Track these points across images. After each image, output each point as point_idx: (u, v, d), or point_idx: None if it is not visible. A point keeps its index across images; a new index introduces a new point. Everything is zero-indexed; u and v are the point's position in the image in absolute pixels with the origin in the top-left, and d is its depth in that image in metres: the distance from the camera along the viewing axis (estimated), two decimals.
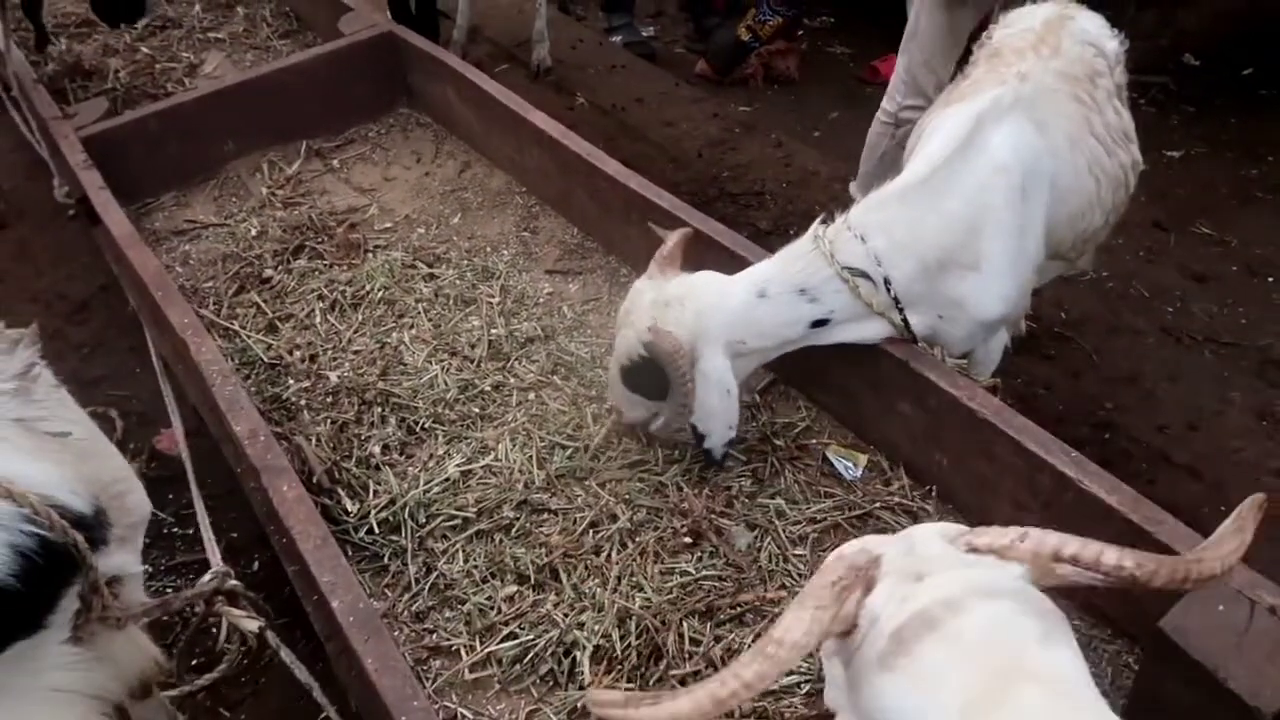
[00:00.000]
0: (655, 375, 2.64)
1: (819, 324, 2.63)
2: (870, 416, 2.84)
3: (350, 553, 2.67)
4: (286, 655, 2.27)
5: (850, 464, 2.81)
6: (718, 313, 2.60)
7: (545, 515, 2.75)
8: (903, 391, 2.66)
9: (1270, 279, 4.58)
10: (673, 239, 2.78)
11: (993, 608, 1.38)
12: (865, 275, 2.56)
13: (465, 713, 2.37)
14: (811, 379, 3.03)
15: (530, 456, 2.90)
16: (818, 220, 2.69)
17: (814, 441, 2.90)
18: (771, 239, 4.48)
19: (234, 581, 2.28)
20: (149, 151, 4.15)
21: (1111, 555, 1.43)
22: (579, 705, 2.34)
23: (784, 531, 2.64)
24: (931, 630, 1.37)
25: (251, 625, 2.22)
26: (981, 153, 2.56)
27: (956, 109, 2.69)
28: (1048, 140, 2.62)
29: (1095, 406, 3.85)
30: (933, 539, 1.54)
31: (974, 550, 1.50)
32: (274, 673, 2.94)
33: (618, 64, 6.34)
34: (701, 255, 2.90)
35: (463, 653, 2.47)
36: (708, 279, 2.70)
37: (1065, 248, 2.88)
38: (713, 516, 2.65)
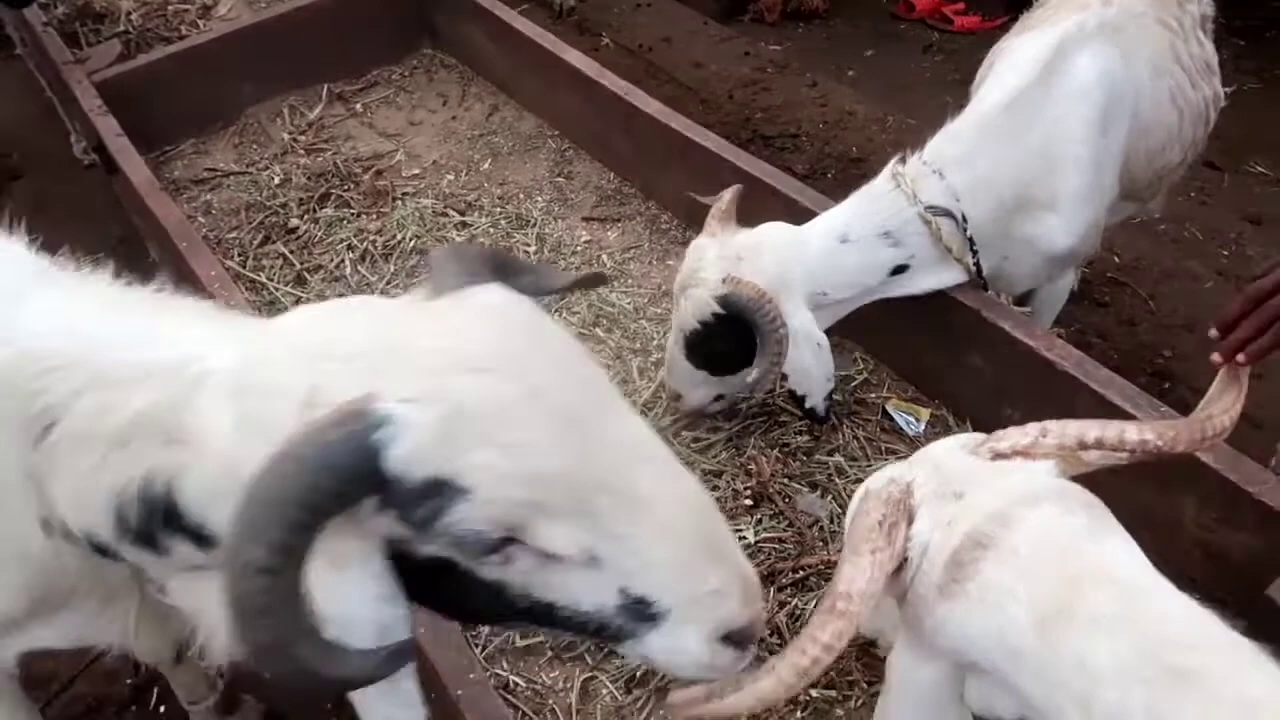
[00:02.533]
0: (729, 339, 2.42)
1: (899, 270, 2.49)
2: (933, 369, 2.70)
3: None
4: None
5: (912, 419, 2.68)
6: (797, 263, 2.43)
7: None
8: (972, 342, 2.52)
9: None
10: (728, 194, 2.61)
11: (1039, 514, 1.36)
12: (948, 214, 2.42)
13: (518, 680, 2.28)
14: (867, 329, 2.89)
15: None
16: (895, 159, 2.53)
17: (873, 396, 2.78)
18: (809, 183, 4.32)
19: None
20: (165, 97, 3.99)
21: (1133, 431, 1.44)
22: (636, 673, 2.25)
23: (844, 490, 2.53)
24: (986, 549, 1.34)
25: None
26: (1062, 81, 2.40)
27: (1035, 34, 2.53)
28: (1131, 68, 2.45)
29: (1152, 354, 3.70)
30: (955, 453, 1.50)
31: (998, 456, 1.46)
32: None
33: (643, 2, 6.10)
34: (753, 202, 2.74)
35: None
36: (777, 229, 2.51)
37: (1140, 185, 2.72)
38: (779, 477, 2.53)
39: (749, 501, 2.51)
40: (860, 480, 2.55)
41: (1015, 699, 1.42)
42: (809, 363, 2.46)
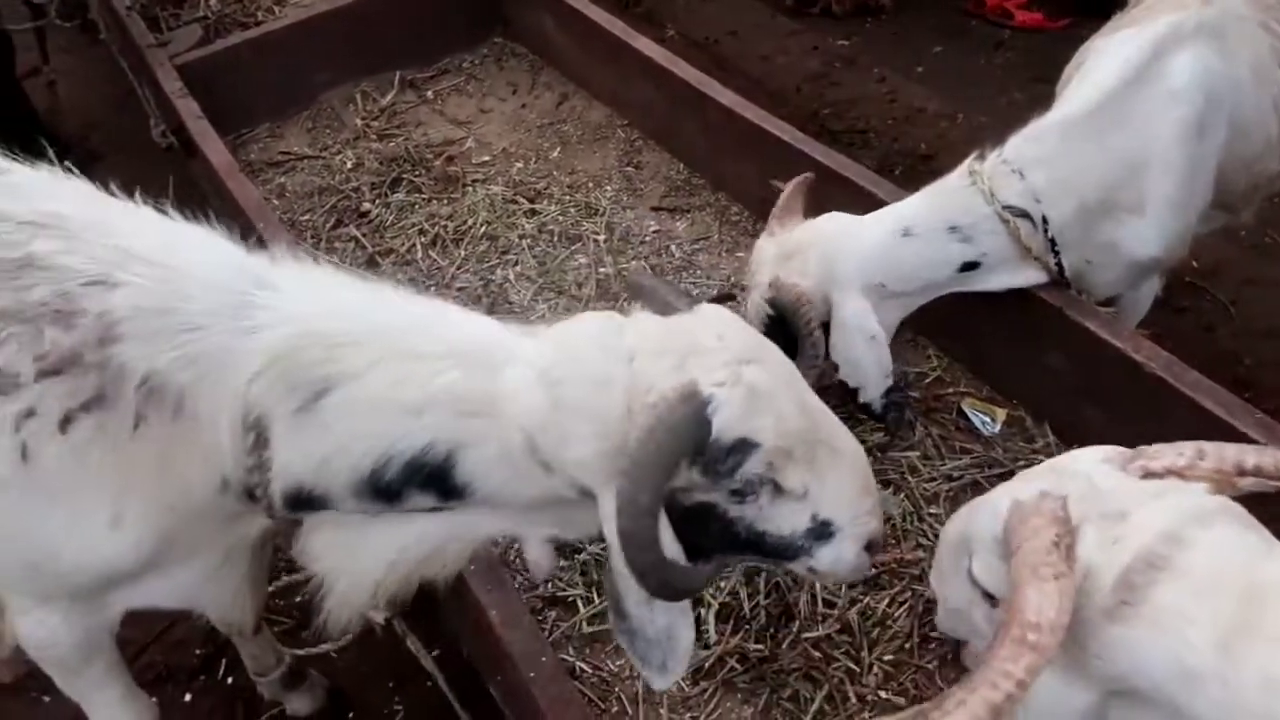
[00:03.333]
0: (788, 338, 2.39)
1: (969, 267, 2.43)
2: (1011, 368, 2.65)
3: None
4: (412, 645, 2.28)
5: (988, 418, 2.63)
6: (850, 255, 2.40)
7: None
8: (1053, 341, 2.47)
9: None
10: (788, 188, 2.57)
11: (1213, 533, 1.33)
12: (1025, 215, 2.36)
13: (584, 667, 2.29)
14: (940, 326, 2.84)
15: None
16: (973, 155, 2.48)
17: (949, 393, 2.73)
18: None
19: None
20: (243, 81, 4.06)
21: None
22: (705, 664, 2.23)
23: (918, 489, 2.49)
24: (1159, 570, 1.30)
25: (379, 618, 2.16)
26: (1156, 82, 2.33)
27: (1130, 33, 2.45)
28: (1231, 71, 2.37)
29: (1233, 363, 3.59)
30: (1104, 468, 1.46)
31: (1149, 475, 1.43)
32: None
33: None
34: (827, 195, 2.71)
35: (580, 604, 2.37)
36: (834, 221, 2.50)
37: (1235, 195, 2.63)
38: None
39: None
40: (934, 479, 2.53)
41: None
42: (860, 354, 2.42)
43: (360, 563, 1.61)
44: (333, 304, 1.53)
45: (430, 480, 1.48)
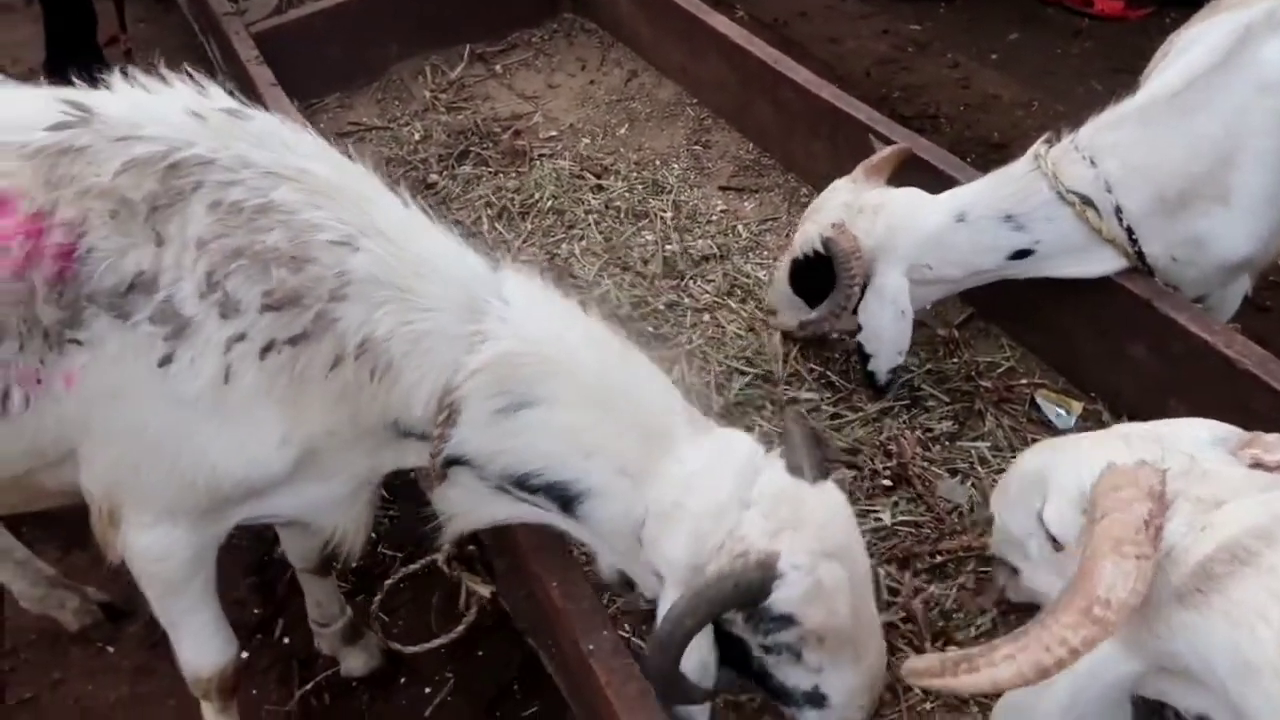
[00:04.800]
0: (822, 277, 2.52)
1: (1020, 255, 2.40)
2: (1089, 359, 2.57)
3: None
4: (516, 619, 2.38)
5: (1063, 411, 2.56)
6: (909, 232, 2.44)
7: None
8: (1136, 333, 2.38)
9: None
10: (887, 150, 2.62)
11: None
12: (1090, 203, 2.30)
13: (640, 643, 2.26)
14: (1015, 314, 2.77)
15: (708, 381, 2.75)
16: (1041, 139, 2.42)
17: (1022, 383, 2.66)
18: None
19: (471, 546, 2.33)
20: (314, 51, 4.08)
21: None
22: None
23: (987, 480, 2.43)
24: (1244, 564, 1.27)
25: (485, 590, 2.28)
26: (1246, 68, 2.23)
27: (1220, 20, 2.35)
28: None
29: None
30: (1213, 450, 1.42)
31: (1259, 465, 1.39)
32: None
33: None
34: (903, 179, 2.66)
35: None
36: (909, 195, 2.53)
37: None
38: (919, 461, 2.46)
39: (888, 483, 2.44)
40: (1003, 471, 2.45)
41: (1213, 700, 1.34)
42: (884, 325, 2.47)
43: (478, 515, 1.91)
44: (560, 330, 1.74)
45: (559, 499, 1.76)
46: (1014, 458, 2.46)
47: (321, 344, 1.62)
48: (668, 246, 3.19)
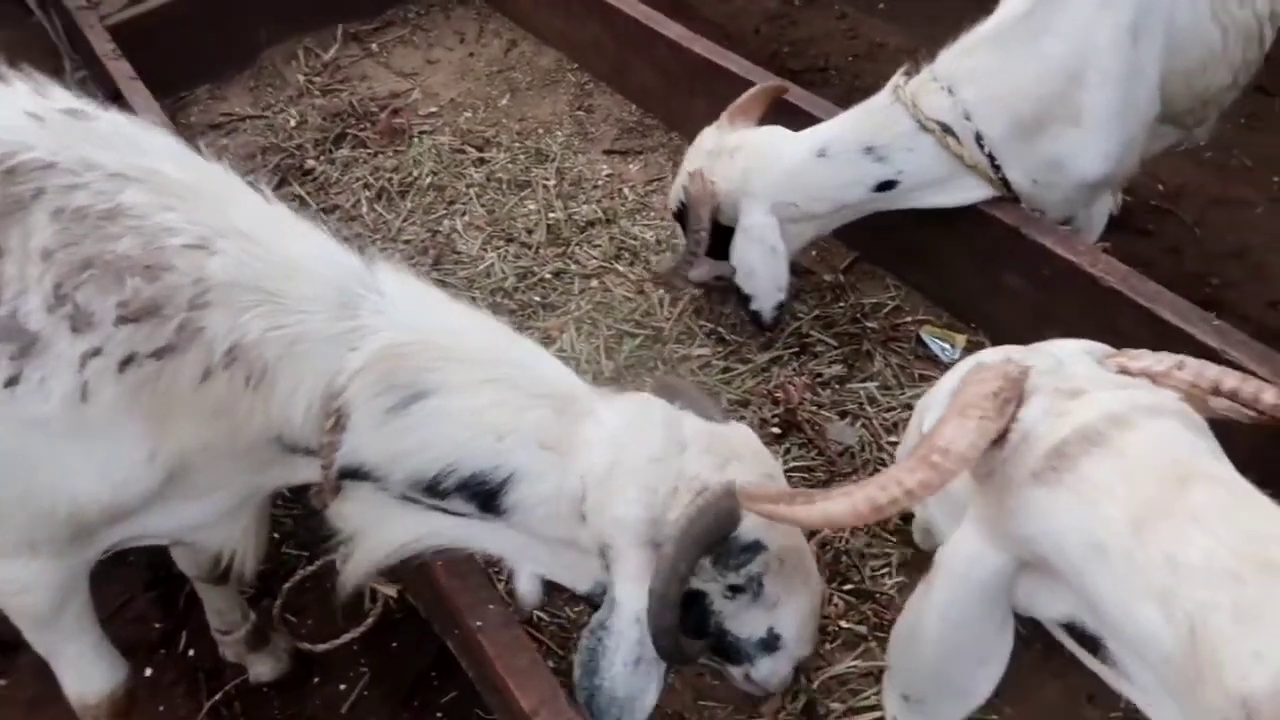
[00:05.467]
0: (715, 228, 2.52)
1: (885, 187, 2.41)
2: (969, 292, 2.59)
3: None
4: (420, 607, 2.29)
5: (947, 345, 2.58)
6: (768, 170, 2.44)
7: None
8: (1010, 262, 2.41)
9: None
10: (753, 90, 2.62)
11: (1160, 425, 1.32)
12: (949, 131, 2.31)
13: (542, 615, 2.24)
14: (899, 254, 2.78)
15: (597, 346, 2.71)
16: (900, 71, 2.43)
17: (908, 321, 2.68)
18: None
19: None
20: (180, 41, 3.92)
21: (1272, 394, 1.40)
22: None
23: (877, 419, 2.44)
24: (1096, 445, 1.30)
25: (390, 590, 2.22)
26: None
27: None
28: None
29: (1200, 283, 3.54)
30: (1080, 357, 1.47)
31: (1124, 372, 1.44)
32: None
33: None
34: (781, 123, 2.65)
35: None
36: (769, 134, 2.53)
37: (1181, 109, 2.56)
38: (807, 405, 2.45)
39: (777, 430, 2.43)
40: (893, 409, 2.49)
41: (1073, 599, 1.37)
42: (755, 264, 2.48)
43: (382, 535, 1.76)
44: (441, 318, 1.66)
45: (479, 495, 1.64)
46: (903, 395, 2.50)
47: (188, 355, 1.51)
48: (551, 214, 3.14)
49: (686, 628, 1.65)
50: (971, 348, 2.59)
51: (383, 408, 1.58)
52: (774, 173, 2.42)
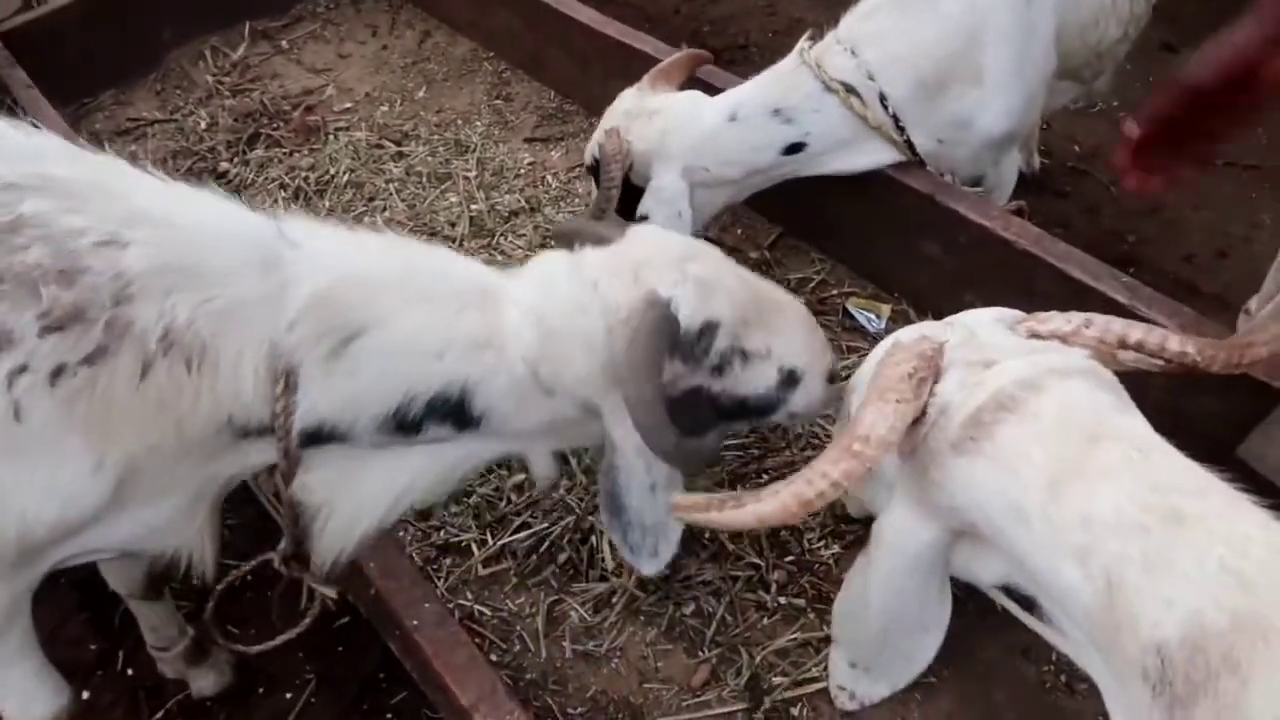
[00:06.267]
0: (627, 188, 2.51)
1: (794, 149, 2.43)
2: (891, 262, 2.62)
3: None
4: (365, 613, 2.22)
5: (873, 315, 2.60)
6: (682, 133, 2.45)
7: None
8: (927, 230, 2.43)
9: None
10: (675, 56, 2.64)
11: (1068, 384, 1.35)
12: (853, 91, 2.35)
13: (483, 610, 2.22)
14: (822, 228, 2.80)
15: None
16: (805, 36, 2.46)
17: (833, 293, 2.69)
18: None
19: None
20: (79, 46, 3.78)
21: (1175, 342, 1.45)
22: (604, 593, 2.19)
23: None
24: (1010, 411, 1.33)
25: (330, 591, 2.10)
26: None
27: None
28: None
29: (1117, 241, 3.63)
30: (992, 326, 1.49)
31: (1035, 336, 1.46)
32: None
33: None
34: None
35: (474, 548, 2.31)
36: (689, 99, 2.55)
37: (1078, 63, 2.62)
38: None
39: None
40: None
41: (1005, 562, 1.40)
42: (660, 224, 2.44)
43: (363, 495, 1.72)
44: (355, 253, 1.62)
45: (450, 414, 1.63)
46: None
47: (121, 355, 1.46)
48: (474, 206, 3.10)
49: (700, 425, 1.71)
50: (896, 317, 2.62)
51: (325, 354, 1.56)
52: (689, 137, 2.43)
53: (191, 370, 1.51)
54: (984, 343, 1.45)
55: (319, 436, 1.62)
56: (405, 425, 1.62)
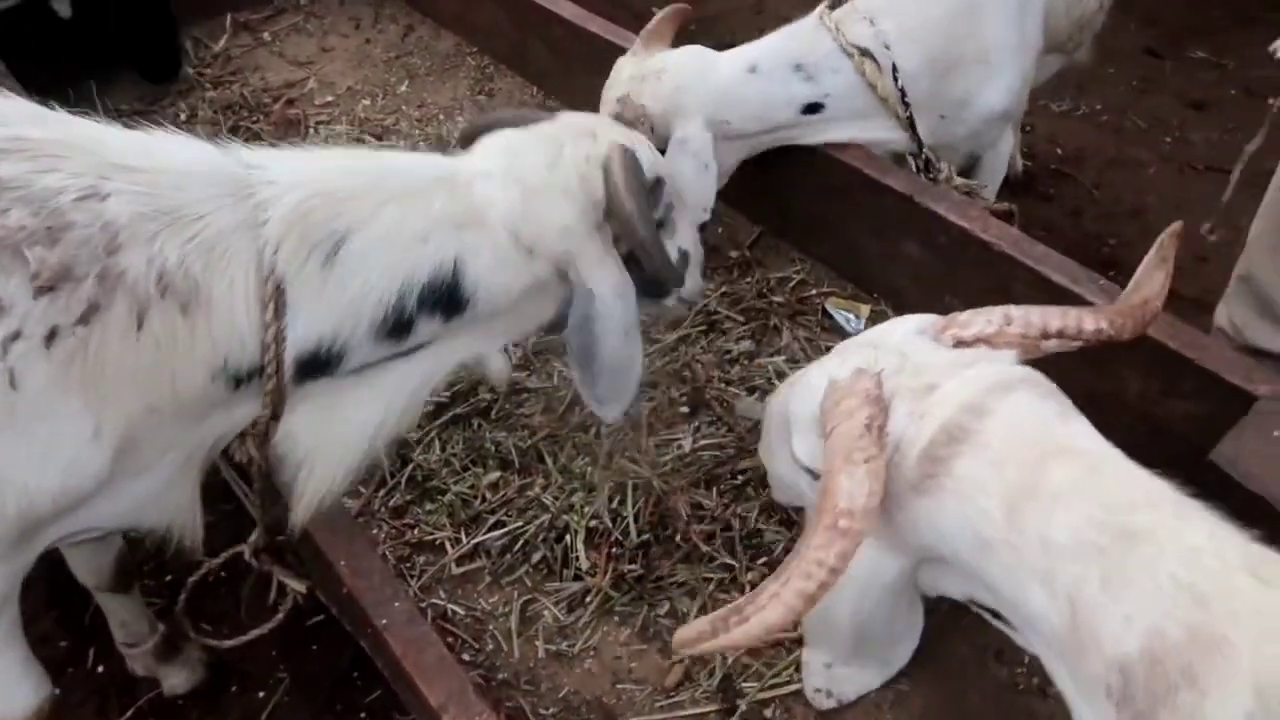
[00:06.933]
0: None
1: (812, 109, 2.45)
2: (871, 263, 2.61)
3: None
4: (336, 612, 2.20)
5: (852, 316, 2.60)
6: (699, 87, 2.43)
7: (525, 395, 2.54)
8: (907, 230, 2.43)
9: (1271, 101, 4.34)
10: (661, 14, 2.62)
11: (1011, 401, 1.34)
12: (870, 56, 2.37)
13: (456, 609, 2.20)
14: (803, 228, 2.79)
15: None
16: (824, 3, 2.48)
17: (813, 293, 2.69)
18: None
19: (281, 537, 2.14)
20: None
21: (1090, 321, 1.47)
22: (578, 593, 2.17)
23: None
24: (961, 442, 1.31)
25: (299, 585, 2.11)
26: None
27: None
28: None
29: (1098, 244, 3.65)
30: (918, 341, 1.47)
31: (961, 344, 1.45)
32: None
33: None
34: None
35: (448, 546, 2.29)
36: (692, 53, 2.53)
37: (1062, 36, 2.69)
38: (716, 383, 2.45)
39: (685, 409, 2.42)
40: None
41: (975, 584, 1.38)
42: (687, 175, 2.44)
43: (347, 430, 1.76)
44: (322, 167, 1.66)
45: (442, 300, 1.68)
46: None
47: (115, 307, 1.45)
48: None
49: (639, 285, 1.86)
50: (875, 317, 2.62)
51: (316, 266, 1.59)
52: (707, 89, 2.41)
53: (188, 312, 1.51)
54: (918, 364, 1.43)
55: (314, 363, 1.64)
56: (401, 324, 1.67)
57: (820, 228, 2.70)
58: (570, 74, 3.30)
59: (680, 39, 4.82)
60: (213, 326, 1.54)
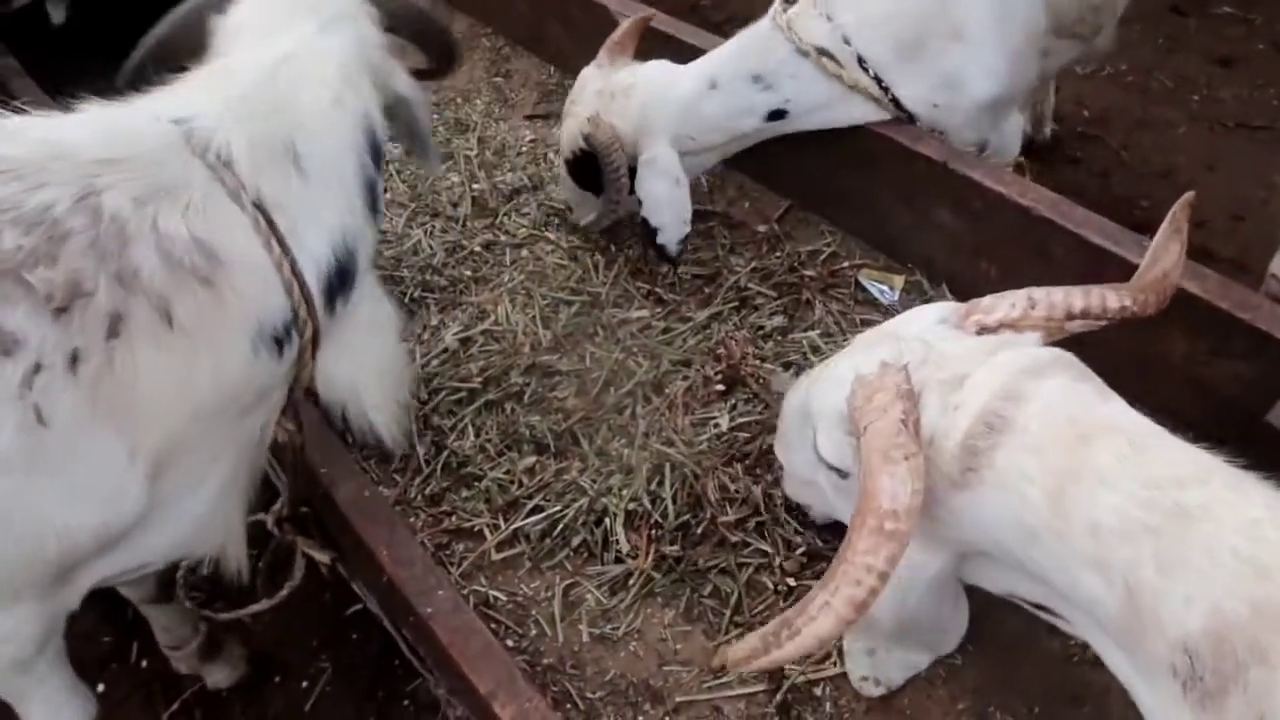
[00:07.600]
0: (597, 168, 2.53)
1: (776, 116, 2.42)
2: (903, 232, 2.57)
3: (351, 439, 2.44)
4: (359, 589, 2.20)
5: (886, 287, 2.56)
6: (665, 105, 2.44)
7: (558, 378, 2.51)
8: (940, 197, 2.38)
9: None
10: (625, 24, 2.61)
11: (1048, 385, 1.31)
12: (827, 54, 2.32)
13: (498, 595, 2.19)
14: (831, 199, 2.74)
15: (533, 316, 2.64)
16: (776, 2, 2.42)
17: (845, 266, 2.64)
18: None
19: (304, 509, 2.14)
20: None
21: (1114, 299, 1.45)
22: (619, 576, 2.15)
23: None
24: (1000, 431, 1.29)
25: (324, 556, 2.11)
26: None
27: None
28: None
29: (1130, 206, 3.57)
30: (941, 330, 1.45)
31: (985, 330, 1.43)
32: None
33: None
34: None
35: (486, 533, 2.27)
36: (657, 69, 2.53)
37: (1071, 19, 2.55)
38: (750, 359, 2.42)
39: (721, 388, 2.39)
40: None
41: (1018, 577, 1.36)
42: (661, 195, 2.47)
43: (373, 356, 1.87)
44: (238, 88, 1.63)
45: (378, 154, 1.79)
46: (845, 341, 2.46)
47: (136, 311, 1.38)
48: (476, 185, 3.05)
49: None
50: (910, 288, 2.58)
51: (296, 179, 1.62)
52: (671, 107, 2.43)
53: (211, 283, 1.48)
54: (944, 354, 1.40)
55: (341, 275, 1.68)
56: (372, 191, 1.77)
57: (850, 198, 2.66)
58: (587, 53, 3.23)
59: (693, 16, 4.78)
60: (237, 285, 1.51)
